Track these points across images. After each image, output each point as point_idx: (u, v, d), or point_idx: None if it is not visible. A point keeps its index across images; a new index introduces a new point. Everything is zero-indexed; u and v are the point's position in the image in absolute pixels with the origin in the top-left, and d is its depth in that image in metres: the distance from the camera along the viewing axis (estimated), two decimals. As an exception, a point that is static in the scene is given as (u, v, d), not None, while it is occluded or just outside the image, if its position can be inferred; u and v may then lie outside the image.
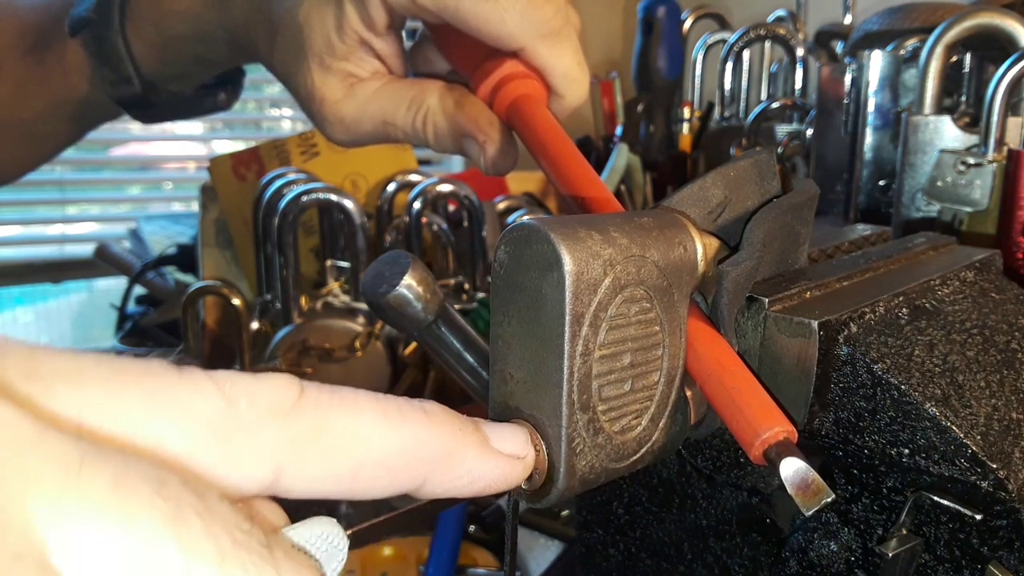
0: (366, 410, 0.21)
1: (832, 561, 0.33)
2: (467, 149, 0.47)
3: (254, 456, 0.19)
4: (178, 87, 0.58)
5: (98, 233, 2.03)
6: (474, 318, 0.92)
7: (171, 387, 0.18)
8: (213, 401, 0.18)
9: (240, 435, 0.19)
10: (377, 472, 0.21)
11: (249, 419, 0.19)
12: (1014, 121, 0.58)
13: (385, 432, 0.21)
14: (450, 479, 0.23)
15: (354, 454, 0.21)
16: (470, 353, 0.31)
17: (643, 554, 0.41)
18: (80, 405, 0.17)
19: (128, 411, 0.17)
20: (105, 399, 0.17)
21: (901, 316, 0.33)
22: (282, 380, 0.20)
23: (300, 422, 0.20)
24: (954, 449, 0.29)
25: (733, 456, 0.35)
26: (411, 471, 0.22)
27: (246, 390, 0.19)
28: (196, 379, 0.18)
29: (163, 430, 0.18)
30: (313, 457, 0.20)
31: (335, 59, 0.46)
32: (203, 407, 0.18)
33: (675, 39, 1.14)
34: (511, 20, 0.43)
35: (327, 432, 0.20)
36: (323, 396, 0.20)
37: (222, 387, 0.19)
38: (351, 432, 0.21)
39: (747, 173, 0.32)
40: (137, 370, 0.18)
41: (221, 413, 0.18)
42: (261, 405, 0.19)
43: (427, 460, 0.22)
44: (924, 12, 0.74)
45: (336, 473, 0.20)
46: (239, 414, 0.19)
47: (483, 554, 0.64)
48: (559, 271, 0.25)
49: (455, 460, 0.23)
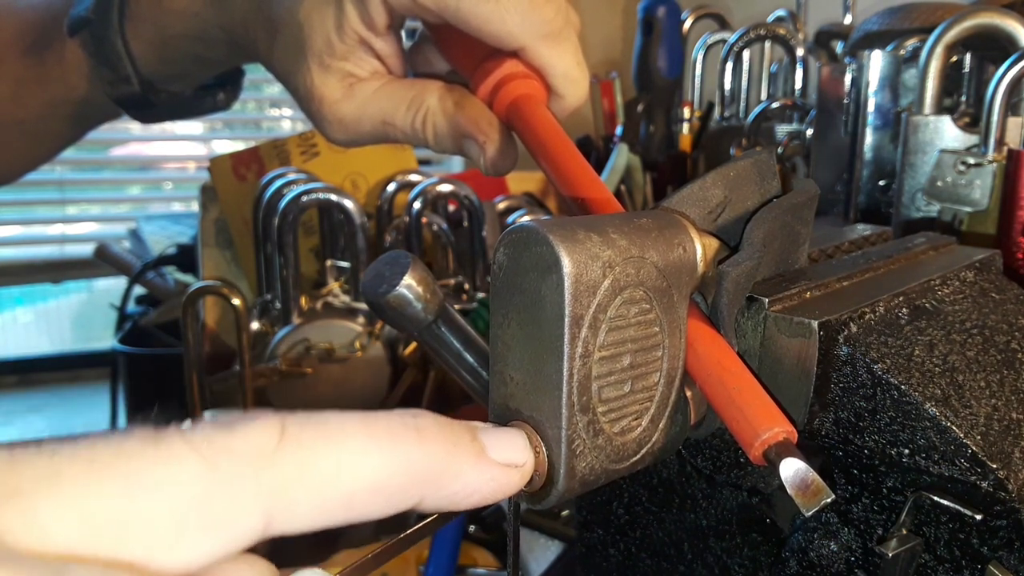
0: (353, 437, 0.21)
1: (832, 561, 0.33)
2: (467, 150, 0.47)
3: (242, 512, 0.19)
4: (177, 87, 0.58)
5: (98, 233, 2.03)
6: (474, 318, 0.92)
7: (147, 466, 0.18)
8: (192, 467, 0.18)
9: (225, 494, 0.19)
10: (371, 498, 0.21)
11: (231, 476, 0.19)
12: (1014, 121, 0.58)
13: (375, 458, 0.21)
14: (447, 495, 0.23)
15: (344, 486, 0.20)
16: (470, 353, 0.31)
17: (643, 554, 0.41)
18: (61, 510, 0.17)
19: (110, 502, 0.17)
20: (85, 497, 0.17)
21: (901, 316, 0.33)
22: (260, 426, 0.20)
23: (284, 467, 0.19)
24: (954, 449, 0.29)
25: (733, 456, 0.35)
26: (406, 492, 0.22)
27: (224, 447, 0.19)
28: (172, 449, 0.18)
29: (147, 511, 0.18)
30: (302, 497, 0.20)
31: (335, 59, 0.46)
32: (182, 477, 0.18)
33: (675, 39, 1.14)
34: (512, 20, 0.43)
35: (313, 470, 0.20)
36: (306, 432, 0.20)
37: (199, 449, 0.19)
38: (339, 465, 0.20)
39: (747, 173, 0.32)
40: (111, 455, 0.18)
41: (202, 477, 0.18)
42: (242, 458, 0.19)
43: (421, 480, 0.22)
44: (924, 12, 0.74)
45: (328, 507, 0.20)
46: (220, 474, 0.19)
47: (483, 554, 0.64)
48: (558, 273, 0.25)
49: (450, 476, 0.22)
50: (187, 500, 0.18)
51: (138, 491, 0.18)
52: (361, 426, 0.21)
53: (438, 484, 0.22)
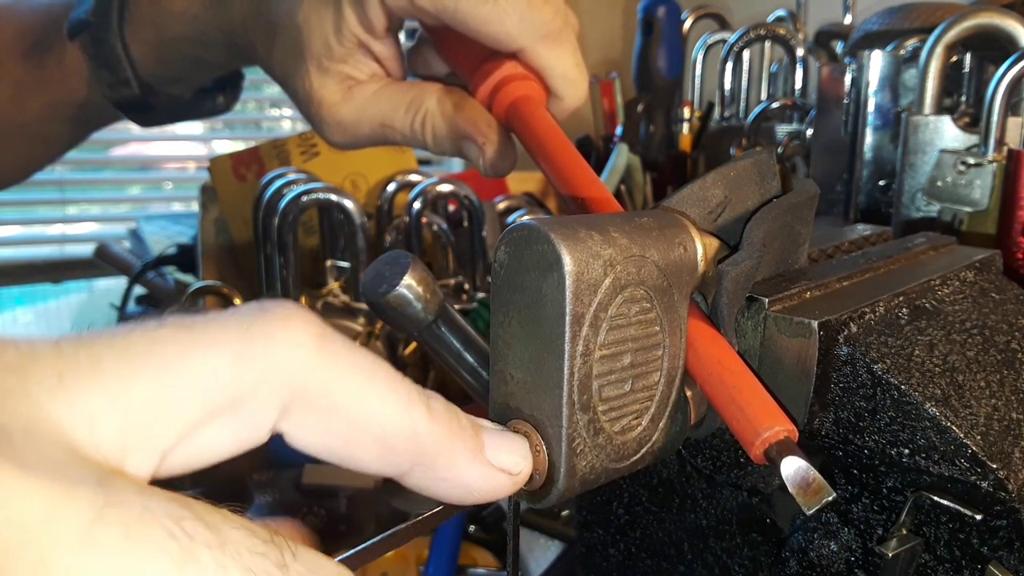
0: (378, 382, 0.21)
1: (832, 561, 0.33)
2: (466, 151, 0.47)
3: (261, 398, 0.20)
4: (176, 90, 0.58)
5: (98, 233, 2.03)
6: (474, 318, 0.92)
7: (179, 351, 0.19)
8: (229, 346, 0.19)
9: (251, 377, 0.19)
10: (369, 444, 0.21)
11: (261, 359, 0.19)
12: (1014, 121, 0.58)
13: (389, 410, 0.21)
14: (434, 476, 0.23)
15: (354, 419, 0.21)
16: (470, 353, 0.31)
17: (643, 554, 0.41)
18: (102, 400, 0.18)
19: (145, 389, 0.18)
20: (123, 384, 0.18)
21: (901, 316, 0.33)
22: (304, 324, 0.20)
23: (313, 369, 0.20)
24: (954, 449, 0.29)
25: (733, 456, 0.35)
26: (400, 456, 0.22)
27: (263, 331, 0.20)
28: (210, 327, 0.19)
29: (180, 397, 0.18)
30: (316, 408, 0.20)
31: (333, 61, 0.46)
32: (215, 362, 0.19)
33: (675, 39, 1.14)
34: (510, 21, 0.43)
35: (336, 389, 0.21)
36: (343, 351, 0.21)
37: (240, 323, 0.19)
38: (359, 397, 0.21)
39: (747, 173, 0.32)
40: (147, 344, 0.19)
41: (235, 359, 0.19)
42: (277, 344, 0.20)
43: (417, 451, 0.22)
44: (924, 12, 0.74)
45: (334, 432, 0.21)
46: (252, 356, 0.19)
47: (483, 554, 0.64)
48: (559, 271, 0.25)
49: (443, 460, 0.23)
50: (218, 385, 0.19)
51: (173, 379, 0.18)
52: (389, 376, 0.22)
53: (430, 463, 0.23)
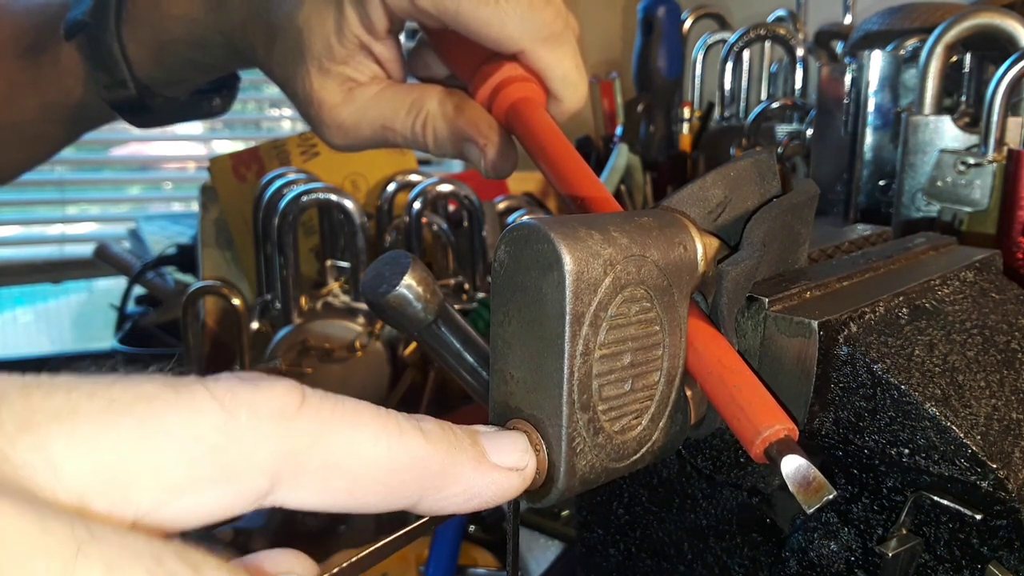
0: (366, 424, 0.21)
1: (832, 561, 0.33)
2: (467, 153, 0.47)
3: (253, 467, 0.19)
4: (173, 92, 0.58)
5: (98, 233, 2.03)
6: (474, 318, 0.92)
7: (166, 411, 0.18)
8: (211, 416, 0.18)
9: (239, 447, 0.19)
10: (373, 488, 0.21)
11: (248, 430, 0.19)
12: (1014, 121, 0.58)
13: (384, 448, 0.21)
14: (445, 496, 0.23)
15: (352, 467, 0.21)
16: (470, 353, 0.31)
17: (643, 554, 0.41)
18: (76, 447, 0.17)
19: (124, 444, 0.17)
20: (100, 436, 0.17)
21: (901, 316, 0.33)
22: (284, 388, 0.20)
23: (301, 433, 0.20)
24: (954, 449, 0.29)
25: (733, 456, 0.35)
26: (407, 488, 0.22)
27: (247, 401, 0.19)
28: (193, 396, 0.18)
29: (161, 458, 0.18)
30: (312, 468, 0.20)
31: (334, 63, 0.46)
32: (200, 425, 0.18)
33: (675, 39, 1.14)
34: (511, 23, 0.43)
35: (327, 444, 0.20)
36: (325, 406, 0.20)
37: (221, 400, 0.19)
38: (350, 446, 0.20)
39: (747, 173, 0.32)
40: (131, 398, 0.18)
41: (219, 428, 0.18)
42: (262, 414, 0.19)
43: (423, 478, 0.22)
44: (924, 12, 0.74)
45: (333, 486, 0.20)
46: (238, 426, 0.19)
47: (483, 554, 0.64)
48: (559, 271, 0.25)
49: (450, 478, 0.23)
50: (203, 451, 0.18)
51: (155, 436, 0.18)
52: (374, 415, 0.21)
53: (438, 485, 0.22)
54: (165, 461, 0.18)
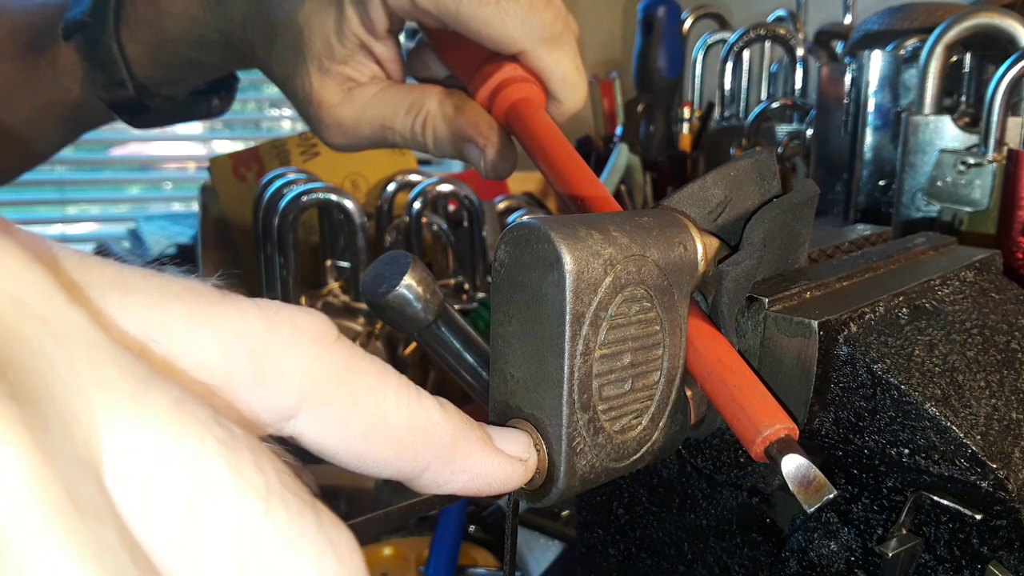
0: (391, 379, 0.21)
1: (832, 561, 0.33)
2: (466, 153, 0.47)
3: (285, 380, 0.19)
4: (171, 92, 0.58)
5: (98, 233, 2.03)
6: (474, 318, 0.92)
7: (213, 305, 0.18)
8: (255, 323, 0.19)
9: (276, 357, 0.19)
10: (386, 442, 0.21)
11: (288, 345, 0.19)
12: (1014, 121, 0.58)
13: (404, 405, 0.21)
14: (452, 471, 0.23)
15: (371, 414, 0.21)
16: (470, 353, 0.31)
17: (643, 554, 0.41)
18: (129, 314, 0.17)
19: (172, 326, 0.17)
20: (150, 313, 0.17)
21: (901, 316, 0.33)
22: (324, 320, 0.20)
23: (333, 363, 0.20)
24: (954, 449, 0.29)
25: (733, 456, 0.35)
26: (417, 453, 0.22)
27: (290, 318, 0.19)
28: (240, 302, 0.19)
29: (204, 345, 0.18)
30: (335, 402, 0.20)
31: (334, 62, 0.46)
32: (243, 327, 0.19)
33: (675, 39, 1.14)
34: (512, 23, 0.43)
35: (353, 383, 0.20)
36: (356, 351, 0.21)
37: (266, 312, 0.19)
38: (374, 392, 0.21)
39: (747, 173, 0.32)
40: (181, 288, 0.18)
41: (261, 334, 0.19)
42: (302, 334, 0.19)
43: (434, 446, 0.22)
44: (924, 12, 0.74)
45: (350, 427, 0.21)
46: (279, 337, 0.19)
47: (483, 554, 0.64)
48: (559, 270, 0.25)
49: (459, 452, 0.23)
50: (243, 350, 0.18)
51: (202, 327, 0.18)
52: (397, 376, 0.22)
53: (448, 456, 0.23)
54: (207, 351, 0.18)
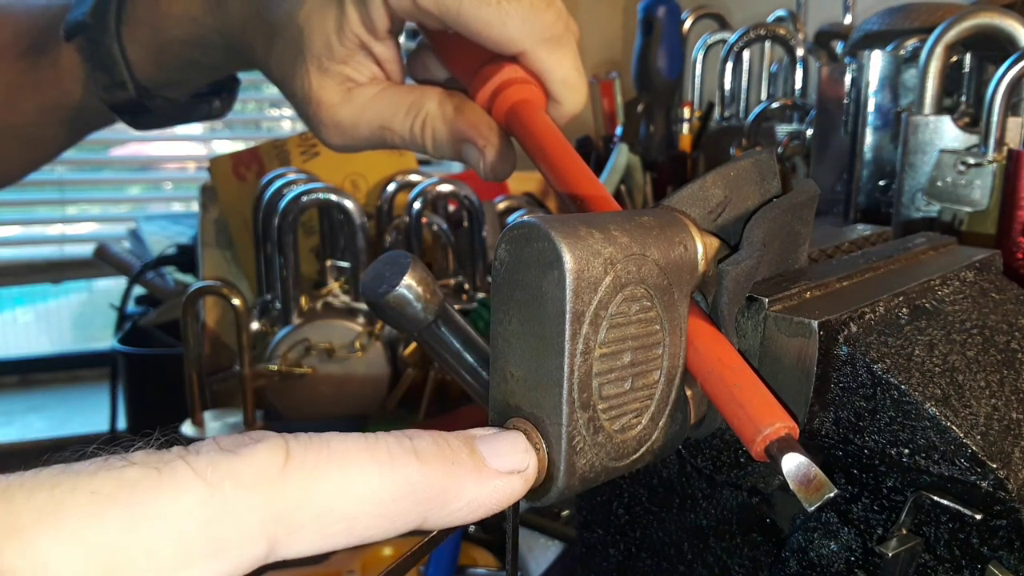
0: (355, 461, 0.21)
1: (832, 561, 0.33)
2: (466, 154, 0.47)
3: (246, 538, 0.19)
4: (172, 93, 0.58)
5: (98, 233, 2.03)
6: (474, 318, 0.92)
7: (150, 495, 0.18)
8: (196, 493, 0.18)
9: (228, 519, 0.19)
10: (373, 522, 0.21)
11: (236, 502, 0.19)
12: (1014, 121, 0.58)
13: (376, 481, 0.21)
14: (449, 513, 0.23)
15: (347, 510, 0.20)
16: (470, 353, 0.31)
17: (643, 554, 0.41)
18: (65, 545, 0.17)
19: (114, 535, 0.17)
20: (88, 529, 0.17)
21: (901, 316, 0.33)
22: (266, 450, 0.20)
23: (288, 491, 0.20)
24: (954, 449, 0.29)
25: (733, 456, 0.35)
26: (408, 514, 0.22)
27: (229, 472, 0.19)
28: (175, 475, 0.18)
29: (151, 541, 0.18)
30: (306, 521, 0.20)
31: (334, 62, 0.46)
32: (186, 503, 0.18)
33: (675, 39, 1.14)
34: (512, 24, 0.43)
35: (318, 493, 0.20)
36: (309, 456, 0.20)
37: (203, 475, 0.19)
38: (342, 489, 0.20)
39: (747, 173, 0.32)
40: (114, 486, 0.18)
41: (206, 504, 0.18)
42: (246, 483, 0.19)
43: (423, 500, 0.22)
44: (924, 12, 0.74)
45: (332, 531, 0.20)
46: (225, 500, 0.19)
47: (483, 554, 0.64)
48: (560, 269, 0.25)
49: (452, 494, 0.22)
50: (192, 528, 0.18)
51: (142, 522, 0.18)
52: (363, 449, 0.21)
53: (441, 503, 0.22)
54: (156, 545, 0.18)
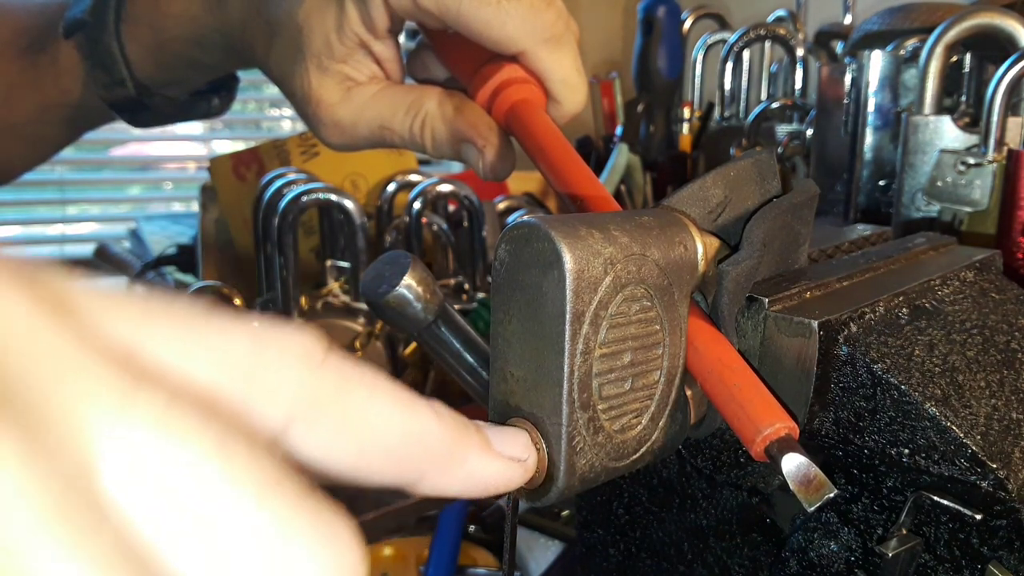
0: (383, 391, 0.21)
1: (832, 561, 0.33)
2: (465, 154, 0.47)
3: (272, 398, 0.19)
4: (172, 91, 0.58)
5: (98, 233, 2.03)
6: (474, 318, 0.92)
7: (198, 324, 0.18)
8: (240, 342, 0.18)
9: (263, 375, 0.19)
10: (380, 455, 0.21)
11: (275, 363, 0.19)
12: (1014, 121, 0.58)
13: (396, 417, 0.21)
14: (449, 477, 0.23)
15: (364, 428, 0.21)
16: (470, 353, 0.31)
17: (643, 554, 0.41)
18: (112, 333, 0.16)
19: (156, 343, 0.17)
20: (134, 330, 0.17)
21: (901, 316, 0.33)
22: (311, 337, 0.20)
23: (323, 382, 0.20)
24: (954, 449, 0.29)
25: (733, 456, 0.35)
26: (412, 462, 0.22)
27: (276, 339, 0.19)
28: (225, 320, 0.18)
29: (190, 363, 0.17)
30: (326, 419, 0.20)
31: (333, 61, 0.46)
32: (229, 346, 0.18)
33: (675, 39, 1.14)
34: (512, 24, 0.43)
35: (345, 399, 0.20)
36: (346, 365, 0.20)
37: (252, 331, 0.19)
38: (366, 406, 0.21)
39: (747, 173, 0.32)
40: (166, 306, 0.18)
41: (247, 354, 0.18)
42: (289, 354, 0.19)
43: (429, 454, 0.22)
44: (924, 12, 0.74)
45: (342, 442, 0.20)
46: (266, 357, 0.19)
47: (483, 554, 0.64)
48: (560, 269, 0.25)
49: (456, 459, 0.23)
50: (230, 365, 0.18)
51: (187, 343, 0.17)
52: (391, 385, 0.21)
53: (443, 464, 0.22)
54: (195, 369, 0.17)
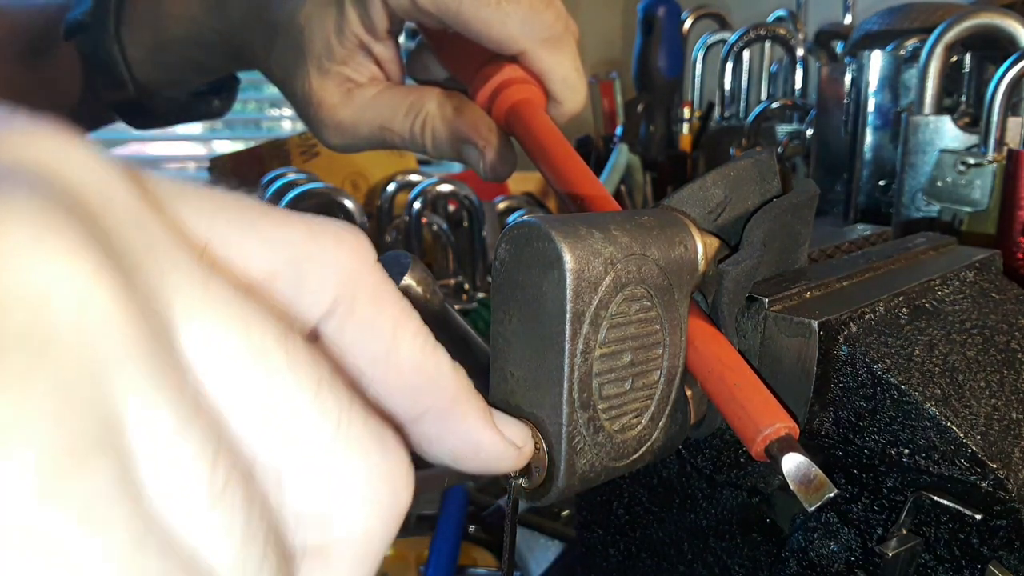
0: (413, 320, 0.22)
1: (832, 561, 0.33)
2: (466, 155, 0.47)
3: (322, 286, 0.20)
4: (172, 93, 0.58)
5: (98, 233, 2.03)
6: (474, 318, 0.92)
7: (258, 214, 0.19)
8: (298, 230, 0.19)
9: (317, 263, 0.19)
10: (392, 373, 0.21)
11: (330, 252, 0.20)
12: (1014, 121, 0.58)
13: (418, 346, 0.22)
14: (445, 428, 0.23)
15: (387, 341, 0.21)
16: (470, 353, 0.31)
17: (643, 554, 0.41)
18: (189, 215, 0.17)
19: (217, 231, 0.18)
20: (198, 218, 0.17)
21: (901, 316, 0.33)
22: (366, 240, 0.21)
23: (367, 281, 0.20)
24: (954, 449, 0.29)
25: (733, 456, 0.35)
26: (417, 395, 0.22)
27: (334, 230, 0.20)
28: (284, 212, 0.19)
29: (248, 250, 0.18)
30: (358, 318, 0.20)
31: (334, 62, 0.46)
32: (287, 234, 0.19)
33: (675, 39, 1.14)
34: (512, 24, 0.43)
35: (379, 307, 0.21)
36: (389, 282, 0.21)
37: (309, 222, 0.20)
38: (395, 323, 0.21)
39: (747, 173, 0.32)
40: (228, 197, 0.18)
41: (304, 241, 0.19)
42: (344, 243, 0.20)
43: (435, 395, 0.22)
44: (924, 12, 0.74)
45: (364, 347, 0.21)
46: (321, 245, 0.19)
47: (483, 554, 0.64)
48: (560, 269, 0.25)
49: (458, 412, 0.23)
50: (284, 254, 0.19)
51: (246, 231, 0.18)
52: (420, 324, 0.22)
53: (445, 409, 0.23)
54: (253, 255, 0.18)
